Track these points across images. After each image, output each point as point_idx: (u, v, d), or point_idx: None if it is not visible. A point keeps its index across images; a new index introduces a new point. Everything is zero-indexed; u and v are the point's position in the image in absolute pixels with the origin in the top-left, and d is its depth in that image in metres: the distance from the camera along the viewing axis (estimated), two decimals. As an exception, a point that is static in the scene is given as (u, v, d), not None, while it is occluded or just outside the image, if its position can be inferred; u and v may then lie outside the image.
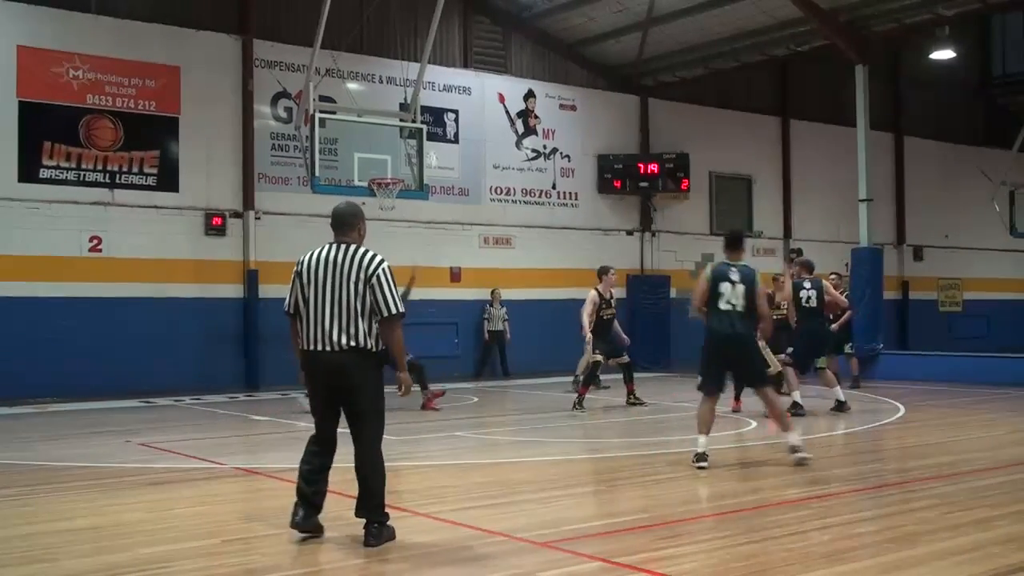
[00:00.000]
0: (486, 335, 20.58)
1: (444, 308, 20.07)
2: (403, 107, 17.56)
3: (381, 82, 20.11)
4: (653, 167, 23.29)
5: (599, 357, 14.15)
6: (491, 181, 21.76)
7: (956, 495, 7.76)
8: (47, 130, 16.95)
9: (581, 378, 14.73)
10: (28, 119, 16.79)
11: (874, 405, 14.70)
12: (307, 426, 12.33)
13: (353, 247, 6.37)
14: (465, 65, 21.67)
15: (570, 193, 22.93)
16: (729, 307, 9.02)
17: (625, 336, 15.25)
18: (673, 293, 23.76)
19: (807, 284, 13.31)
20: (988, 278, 29.56)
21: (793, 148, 26.35)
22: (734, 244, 9.51)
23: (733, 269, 9.21)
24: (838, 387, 13.55)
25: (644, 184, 23.33)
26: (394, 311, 6.17)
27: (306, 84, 15.90)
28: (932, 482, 8.37)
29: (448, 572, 5.79)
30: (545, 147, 22.68)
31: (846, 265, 20.10)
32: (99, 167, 17.40)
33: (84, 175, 17.25)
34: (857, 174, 20.54)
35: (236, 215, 18.63)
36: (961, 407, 14.78)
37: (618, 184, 23.28)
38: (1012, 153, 26.99)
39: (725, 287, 9.06)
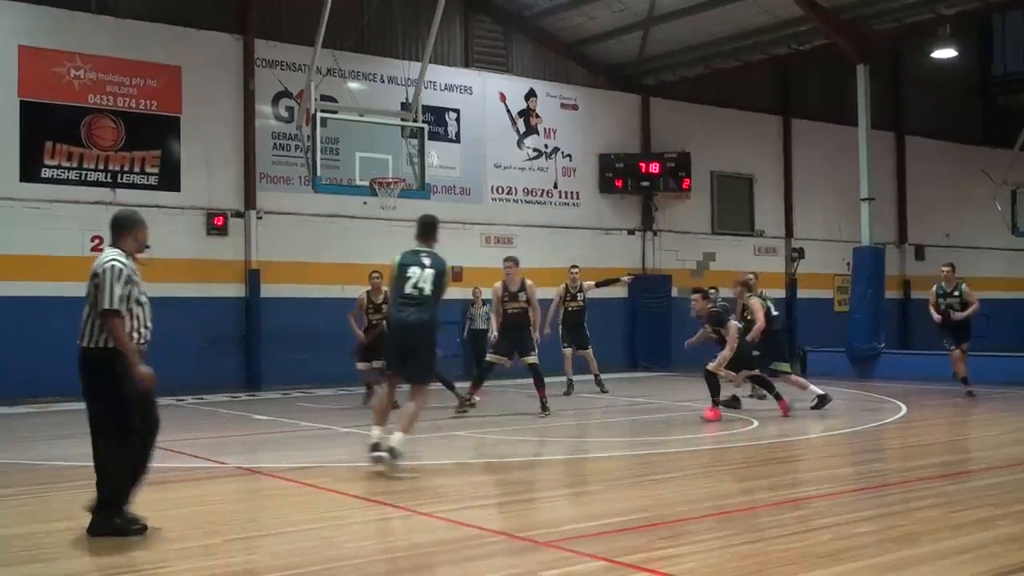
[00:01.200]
0: (465, 335, 20.17)
1: (446, 308, 19.98)
2: (404, 106, 17.57)
3: (382, 81, 20.11)
4: (654, 166, 23.29)
5: (492, 358, 13.68)
6: (493, 180, 21.75)
7: (958, 494, 7.75)
8: (48, 130, 16.96)
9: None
10: (29, 119, 16.80)
11: (875, 404, 14.69)
12: (309, 426, 12.35)
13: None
14: (466, 64, 21.67)
15: (571, 192, 22.92)
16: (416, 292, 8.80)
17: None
18: (675, 292, 23.75)
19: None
20: (989, 277, 29.47)
21: (794, 147, 26.34)
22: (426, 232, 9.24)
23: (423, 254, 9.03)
24: (811, 385, 13.50)
25: (645, 183, 23.32)
26: (106, 306, 6.39)
27: (307, 83, 15.90)
28: (933, 481, 8.36)
29: (449, 572, 5.78)
30: (546, 146, 22.67)
31: (848, 264, 20.06)
32: (100, 167, 17.41)
33: (86, 175, 17.26)
34: (859, 173, 20.53)
35: (238, 215, 18.64)
36: (962, 406, 14.76)
37: (619, 183, 23.27)
38: (1013, 152, 26.96)
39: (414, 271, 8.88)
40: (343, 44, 18.66)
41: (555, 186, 22.69)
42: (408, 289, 8.78)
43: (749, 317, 13.37)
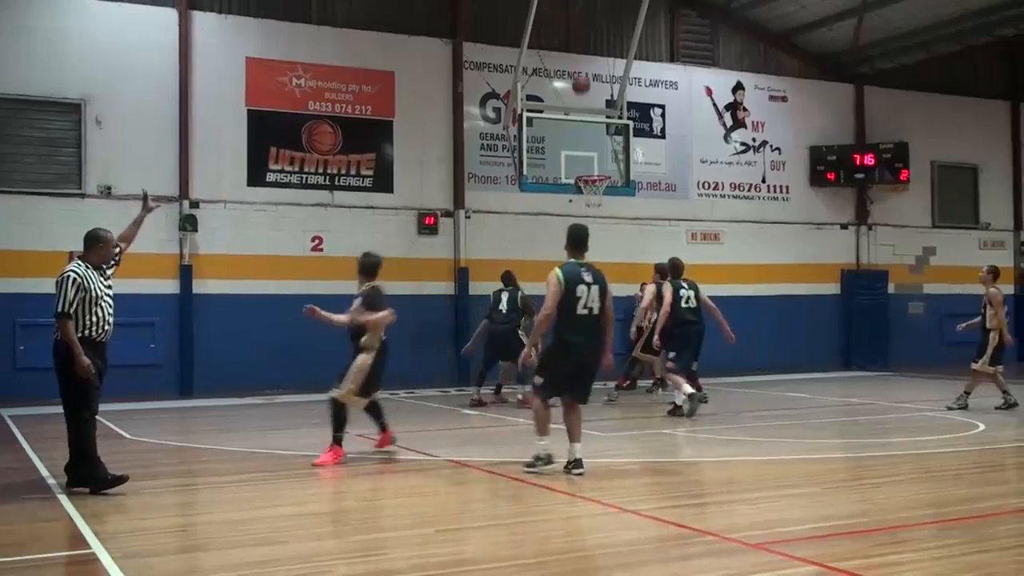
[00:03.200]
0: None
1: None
2: (609, 104, 17.56)
3: (588, 79, 20.18)
4: (869, 158, 22.34)
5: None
6: (698, 176, 21.44)
7: None
8: (272, 136, 17.95)
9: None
10: (255, 126, 17.82)
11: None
12: (515, 420, 12.55)
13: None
14: (672, 59, 21.44)
15: (780, 186, 22.30)
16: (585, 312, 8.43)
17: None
18: (891, 288, 22.75)
19: (684, 285, 13.06)
20: None
21: (1026, 134, 24.70)
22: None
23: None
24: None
25: (860, 175, 22.41)
26: (57, 310, 7.62)
27: (514, 84, 16.13)
28: None
29: (656, 571, 5.75)
30: (754, 140, 22.15)
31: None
32: (320, 170, 18.26)
33: (306, 178, 18.16)
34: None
35: (447, 214, 19.14)
36: None
37: (832, 176, 22.46)
38: None
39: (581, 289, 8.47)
40: (548, 44, 18.83)
41: (763, 180, 22.14)
42: (580, 310, 8.42)
43: None
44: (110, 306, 7.93)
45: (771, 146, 22.22)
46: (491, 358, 15.00)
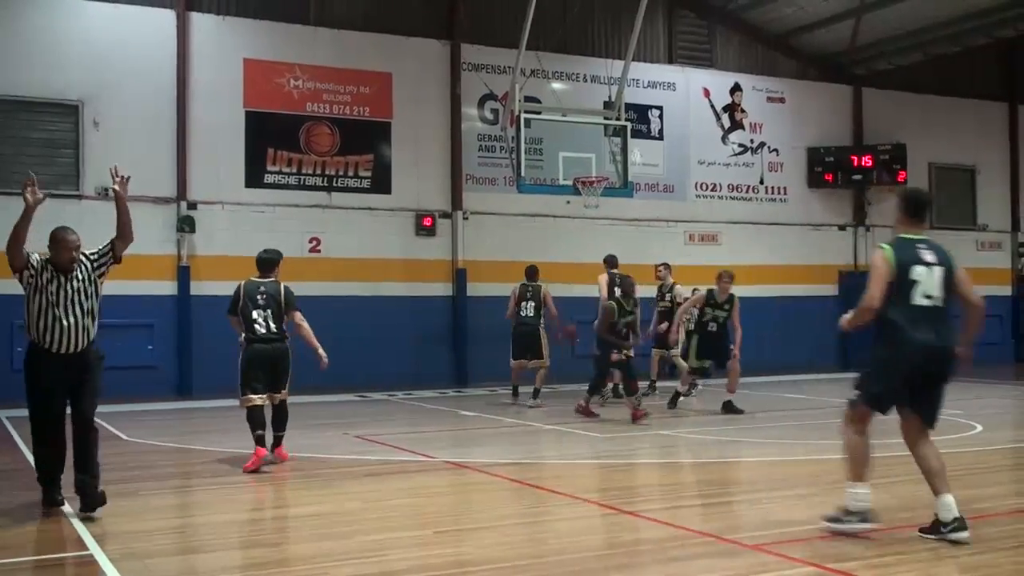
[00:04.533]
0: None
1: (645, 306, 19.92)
2: (607, 105, 17.59)
3: (585, 81, 20.20)
4: (867, 159, 22.38)
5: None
6: (696, 177, 21.46)
7: None
8: (270, 138, 17.95)
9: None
10: (253, 128, 17.82)
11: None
12: (513, 422, 12.56)
13: None
14: (669, 61, 21.47)
15: (778, 188, 22.34)
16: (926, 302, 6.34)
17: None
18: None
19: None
20: None
21: (1023, 135, 24.73)
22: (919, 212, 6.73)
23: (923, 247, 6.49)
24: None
25: (857, 177, 22.44)
26: None
27: (511, 85, 16.15)
28: None
29: (655, 572, 5.76)
30: (752, 141, 22.18)
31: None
32: (318, 171, 18.27)
33: (304, 179, 18.16)
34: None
35: (445, 215, 19.15)
36: None
37: (829, 177, 22.50)
38: None
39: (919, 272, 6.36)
40: (546, 45, 18.85)
41: (761, 181, 22.17)
42: (919, 299, 6.28)
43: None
44: (74, 313, 7.20)
45: (769, 147, 22.26)
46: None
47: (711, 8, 21.86)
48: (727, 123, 21.98)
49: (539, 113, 16.81)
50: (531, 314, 14.57)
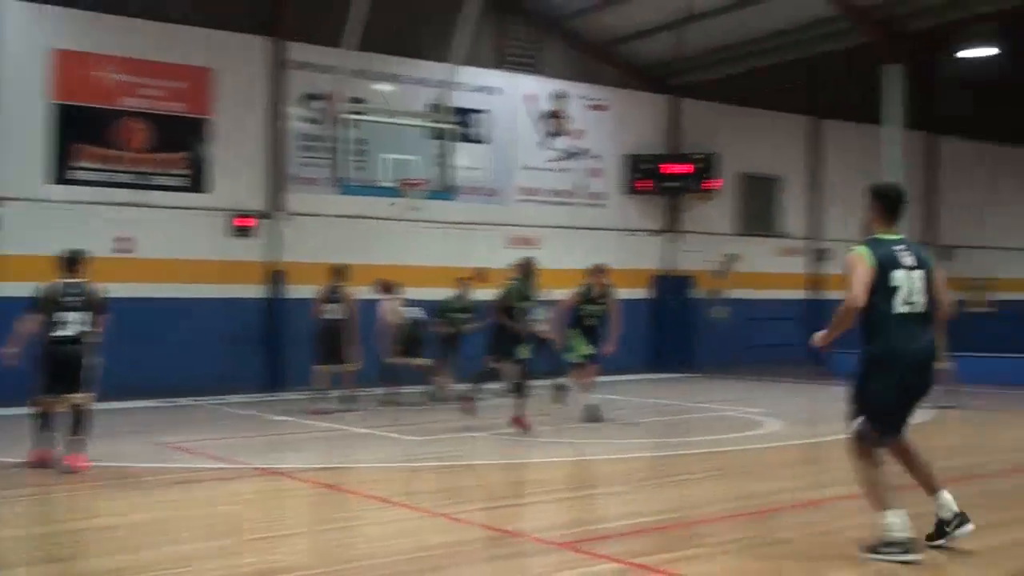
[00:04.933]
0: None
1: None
2: (433, 108, 17.63)
3: (412, 83, 20.17)
4: (682, 167, 23.22)
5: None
6: (519, 182, 21.75)
7: (986, 496, 7.71)
8: (81, 132, 17.14)
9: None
10: (62, 121, 16.97)
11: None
12: (328, 427, 12.42)
13: None
14: (496, 66, 21.67)
15: (598, 194, 22.89)
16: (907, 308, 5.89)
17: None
18: (699, 293, 23.72)
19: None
20: (1020, 278, 29.25)
21: (823, 148, 26.14)
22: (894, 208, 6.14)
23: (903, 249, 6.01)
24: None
25: (673, 184, 23.25)
26: None
27: (337, 85, 15.97)
28: (953, 485, 8.28)
29: (465, 573, 5.82)
30: (574, 147, 22.66)
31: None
32: (131, 168, 17.57)
33: (115, 176, 17.43)
34: (890, 174, 20.30)
35: (265, 216, 18.75)
36: (993, 408, 14.64)
37: (646, 184, 23.22)
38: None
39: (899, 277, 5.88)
40: (373, 46, 18.69)
41: (581, 187, 22.67)
42: (900, 307, 5.84)
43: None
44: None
45: (590, 154, 22.78)
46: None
47: (539, 15, 22.20)
48: (551, 129, 22.37)
49: (364, 114, 16.70)
50: (337, 316, 14.35)
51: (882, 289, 5.82)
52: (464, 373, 14.16)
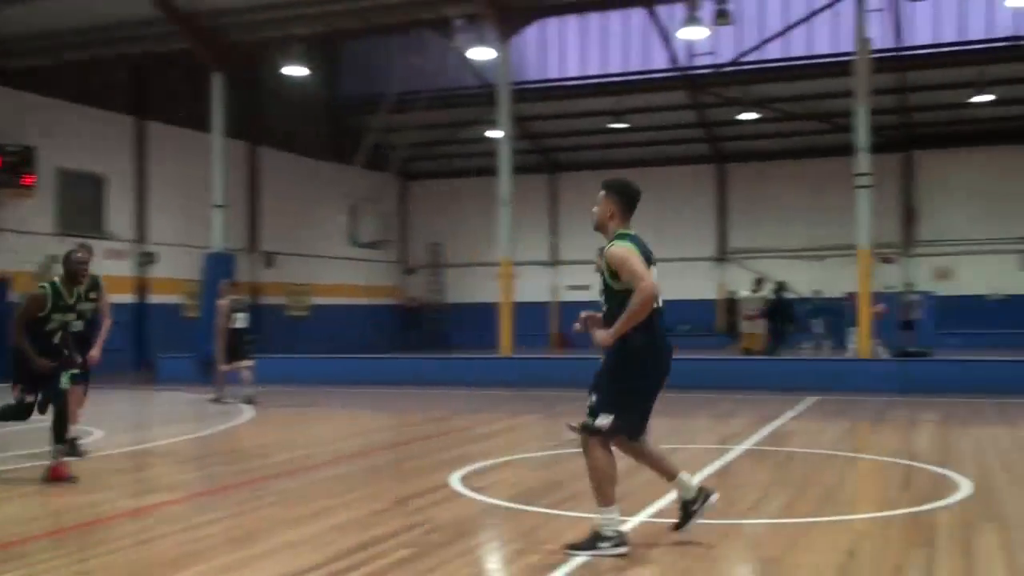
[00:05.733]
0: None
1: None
2: None
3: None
4: (-3, 160, 21.32)
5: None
6: None
7: (298, 490, 8.19)
8: None
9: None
10: None
11: (224, 408, 14.92)
12: None
13: None
14: None
15: None
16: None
17: None
18: (15, 296, 21.97)
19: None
20: (336, 284, 31.73)
21: (149, 149, 25.74)
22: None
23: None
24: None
25: (-16, 177, 21.24)
26: None
27: None
28: (276, 480, 8.72)
29: None
30: None
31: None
32: None
33: None
34: (213, 180, 20.74)
35: None
36: (308, 405, 15.68)
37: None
38: (356, 169, 29.44)
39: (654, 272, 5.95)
40: None
41: None
42: (659, 301, 5.85)
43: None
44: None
45: None
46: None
47: None
48: None
49: None
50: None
51: None
52: None
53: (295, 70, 23.92)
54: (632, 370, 5.80)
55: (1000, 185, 29.49)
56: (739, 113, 28.87)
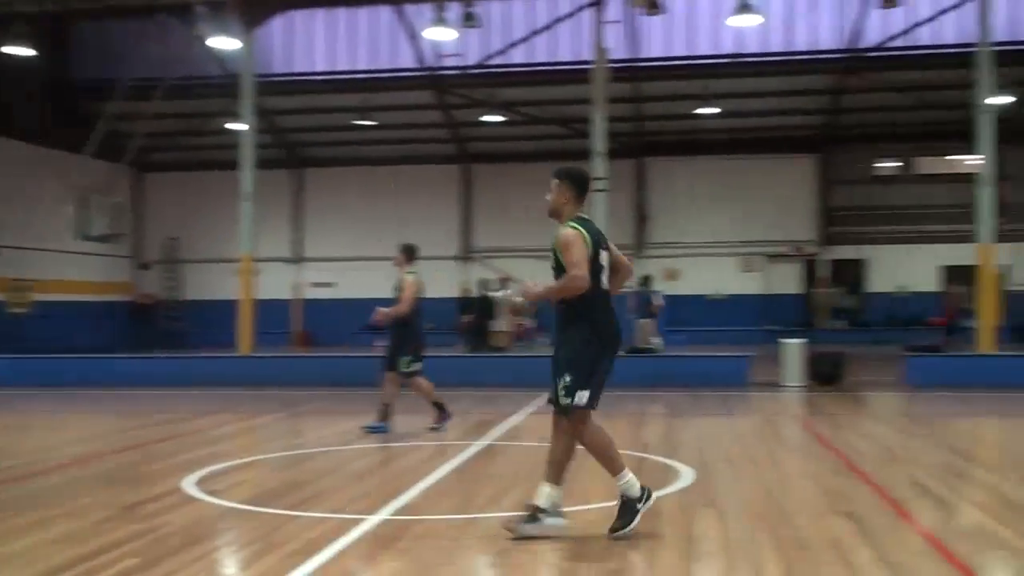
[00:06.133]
0: None
1: None
2: None
3: None
4: None
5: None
6: None
7: (15, 500, 7.65)
8: None
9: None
10: None
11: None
12: None
13: None
14: None
15: None
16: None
17: None
18: None
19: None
20: (61, 279, 29.77)
21: None
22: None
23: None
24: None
25: None
26: None
27: None
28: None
29: None
30: None
31: None
32: None
33: None
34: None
35: None
36: (29, 409, 14.68)
37: None
38: (86, 157, 27.77)
39: (604, 257, 6.30)
40: None
41: None
42: (604, 284, 6.21)
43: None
44: None
45: None
46: None
47: None
48: None
49: None
50: None
51: (594, 266, 6.07)
52: None
53: (20, 49, 22.29)
54: (586, 350, 6.10)
55: (723, 192, 31.57)
56: (484, 115, 29.46)
